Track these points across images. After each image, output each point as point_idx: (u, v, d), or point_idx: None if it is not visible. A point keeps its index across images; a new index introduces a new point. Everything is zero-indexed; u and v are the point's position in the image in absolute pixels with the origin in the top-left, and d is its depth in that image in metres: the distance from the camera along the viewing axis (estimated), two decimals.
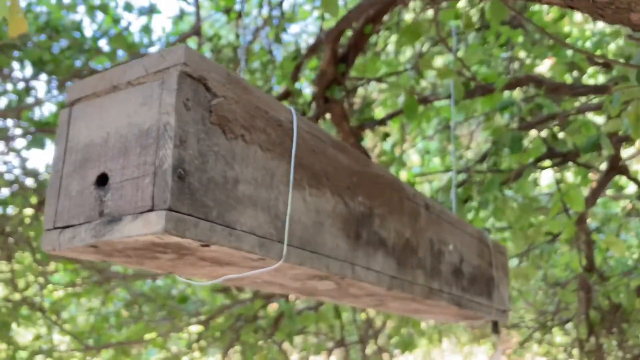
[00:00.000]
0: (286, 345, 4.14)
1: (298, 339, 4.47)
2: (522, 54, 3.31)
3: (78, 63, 3.35)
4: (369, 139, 4.10)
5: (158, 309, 4.10)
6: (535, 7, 3.25)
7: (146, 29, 3.40)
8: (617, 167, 3.22)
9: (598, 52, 3.02)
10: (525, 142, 2.74)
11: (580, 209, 2.19)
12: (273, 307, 3.96)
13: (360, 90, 3.41)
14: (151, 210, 0.60)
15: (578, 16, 3.67)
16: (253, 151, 0.74)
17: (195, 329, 4.26)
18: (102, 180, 0.66)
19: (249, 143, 0.74)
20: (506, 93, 2.83)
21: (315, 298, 1.15)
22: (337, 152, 0.93)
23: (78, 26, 3.43)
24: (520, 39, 3.14)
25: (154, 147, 0.63)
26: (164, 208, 0.60)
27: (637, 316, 4.04)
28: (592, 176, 3.19)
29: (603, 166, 2.97)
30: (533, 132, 2.59)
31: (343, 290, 1.03)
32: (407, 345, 3.39)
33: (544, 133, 2.57)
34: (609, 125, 2.13)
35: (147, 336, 3.83)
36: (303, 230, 0.82)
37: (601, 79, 3.48)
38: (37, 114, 3.56)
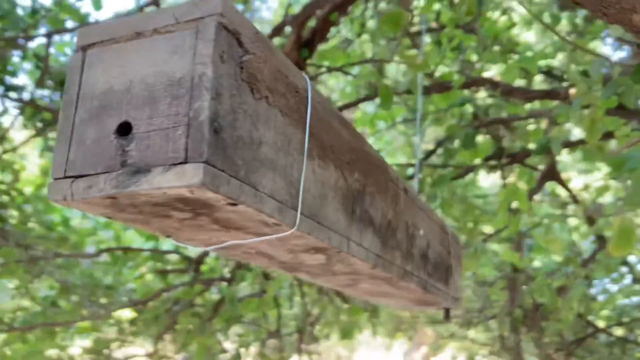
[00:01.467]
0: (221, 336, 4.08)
1: (233, 329, 4.42)
2: (474, 58, 3.43)
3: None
4: None
5: (88, 293, 3.92)
6: (488, 13, 3.37)
7: (97, 2, 3.23)
8: (551, 173, 3.41)
9: (544, 63, 3.18)
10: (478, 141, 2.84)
11: (525, 207, 2.31)
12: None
13: (321, 79, 3.41)
14: (185, 162, 0.58)
15: (530, 35, 3.84)
16: (274, 114, 0.72)
17: (128, 314, 4.11)
18: (125, 130, 0.62)
19: (272, 106, 0.72)
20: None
21: (294, 274, 1.14)
22: (341, 126, 0.93)
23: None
24: (473, 43, 3.25)
25: (187, 98, 0.60)
26: (200, 161, 0.57)
27: (556, 315, 4.30)
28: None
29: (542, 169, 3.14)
30: (484, 132, 2.70)
31: (329, 266, 1.03)
32: (347, 333, 3.44)
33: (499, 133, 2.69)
34: (553, 132, 2.24)
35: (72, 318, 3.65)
36: (312, 200, 0.81)
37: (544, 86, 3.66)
38: None
